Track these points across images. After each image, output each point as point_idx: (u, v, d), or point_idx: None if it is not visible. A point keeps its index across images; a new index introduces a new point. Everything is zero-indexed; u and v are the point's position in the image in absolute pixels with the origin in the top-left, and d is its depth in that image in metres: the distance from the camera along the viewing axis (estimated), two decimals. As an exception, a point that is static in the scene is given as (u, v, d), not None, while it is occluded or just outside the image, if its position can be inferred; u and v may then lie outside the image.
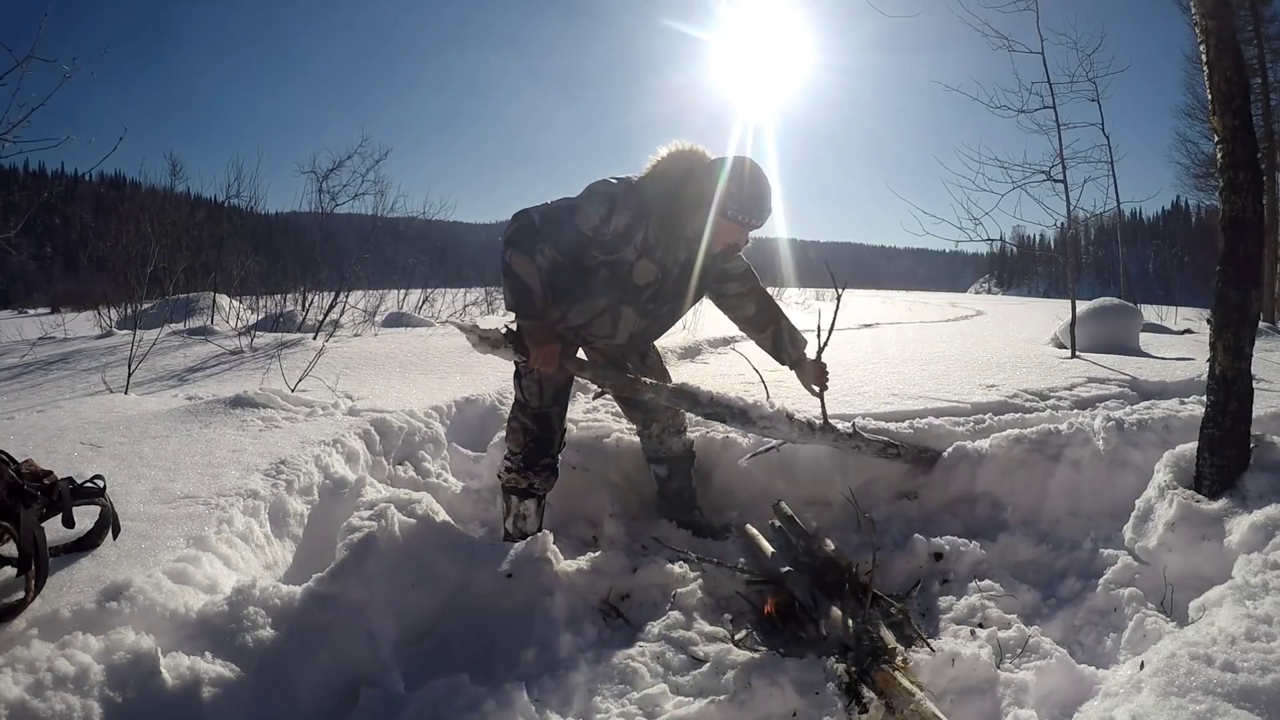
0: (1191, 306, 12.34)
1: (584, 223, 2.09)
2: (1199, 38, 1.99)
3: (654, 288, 2.21)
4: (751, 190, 2.08)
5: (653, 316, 2.28)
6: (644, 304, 2.23)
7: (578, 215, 2.09)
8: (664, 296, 2.25)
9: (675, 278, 2.24)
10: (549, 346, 2.14)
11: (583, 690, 1.59)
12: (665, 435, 2.50)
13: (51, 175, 33.02)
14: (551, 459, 2.33)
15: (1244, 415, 1.96)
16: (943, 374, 3.76)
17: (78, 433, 2.55)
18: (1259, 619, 1.36)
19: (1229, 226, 1.94)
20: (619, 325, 2.24)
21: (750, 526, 2.28)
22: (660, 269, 2.19)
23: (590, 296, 2.19)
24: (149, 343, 4.53)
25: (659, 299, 2.24)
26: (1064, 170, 5.50)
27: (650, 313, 2.26)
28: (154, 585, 1.51)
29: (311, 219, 8.55)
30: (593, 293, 2.18)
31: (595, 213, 2.08)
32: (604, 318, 2.21)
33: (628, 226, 2.09)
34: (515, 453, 2.32)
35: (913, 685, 1.47)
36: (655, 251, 2.15)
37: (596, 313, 2.20)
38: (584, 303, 2.19)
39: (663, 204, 2.12)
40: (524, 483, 2.30)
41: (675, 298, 2.28)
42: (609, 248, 2.12)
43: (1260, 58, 11.02)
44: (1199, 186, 13.78)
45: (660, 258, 2.17)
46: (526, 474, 2.30)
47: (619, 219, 2.08)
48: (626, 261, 2.14)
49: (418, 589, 1.86)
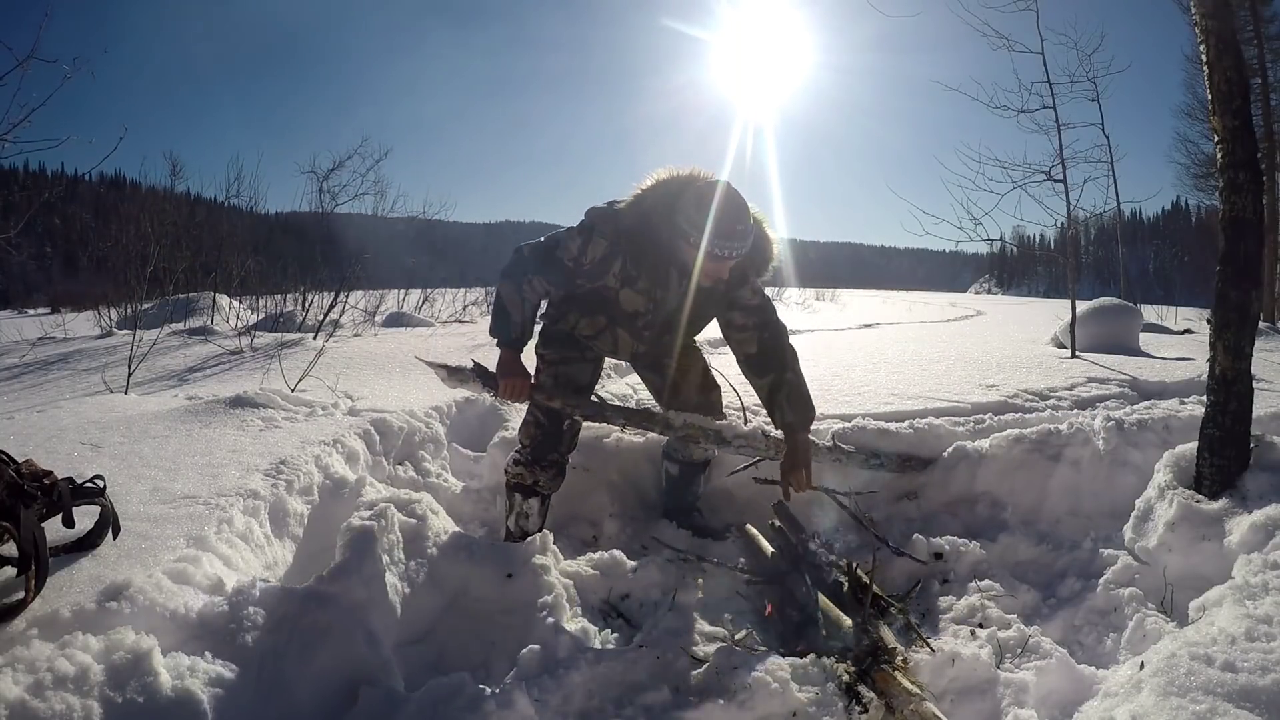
0: (1191, 306, 12.33)
1: (565, 254, 2.15)
2: (1199, 38, 1.99)
3: (646, 317, 2.23)
4: (718, 219, 1.96)
5: (650, 343, 2.32)
6: (638, 330, 2.26)
7: (559, 248, 2.16)
8: (658, 325, 2.27)
9: (671, 307, 2.23)
10: (517, 380, 2.24)
11: (582, 690, 1.58)
12: (692, 443, 2.47)
13: (51, 175, 33.01)
14: (559, 456, 2.33)
15: (1244, 415, 1.96)
16: (943, 374, 3.76)
17: (78, 433, 2.55)
18: (1259, 619, 1.36)
19: (1229, 226, 1.94)
20: (618, 345, 2.31)
21: (750, 526, 2.29)
22: (649, 299, 2.20)
23: (594, 313, 2.25)
24: (149, 343, 4.53)
25: (653, 327, 2.27)
26: (1064, 170, 5.51)
27: (646, 339, 2.30)
28: (154, 585, 1.51)
29: (311, 219, 8.55)
30: (595, 309, 2.25)
31: (574, 243, 2.13)
32: (605, 335, 2.29)
33: (604, 256, 2.12)
34: (525, 445, 2.32)
35: (913, 685, 1.47)
36: (637, 282, 2.16)
37: (599, 329, 2.28)
38: (590, 317, 2.26)
39: (640, 234, 2.10)
40: (530, 478, 2.30)
41: (671, 327, 2.29)
42: (590, 276, 2.16)
43: (1260, 58, 11.01)
44: (1199, 186, 13.79)
45: (645, 288, 2.17)
46: (533, 468, 2.29)
47: (595, 248, 2.12)
48: (611, 289, 2.18)
49: (418, 589, 1.86)
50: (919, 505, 2.55)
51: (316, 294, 7.87)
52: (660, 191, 2.11)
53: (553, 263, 2.17)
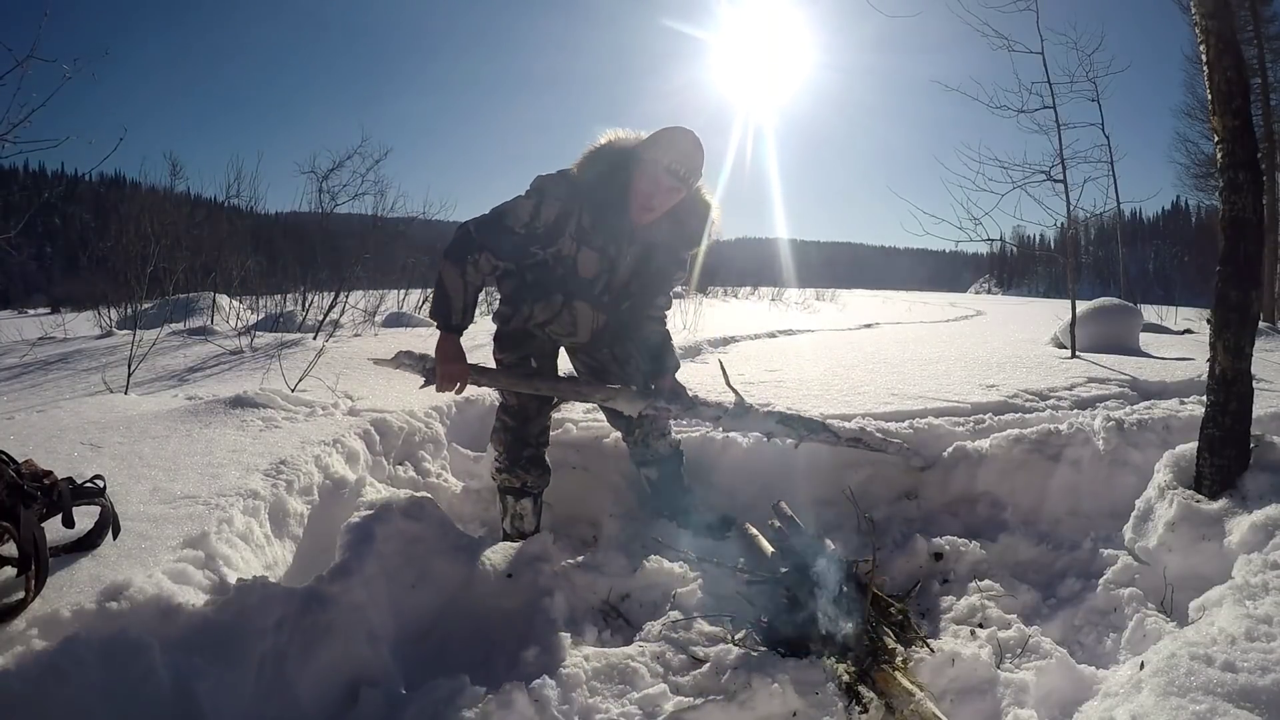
0: (1191, 306, 12.33)
1: (515, 221, 2.09)
2: (1199, 38, 1.99)
3: (603, 279, 2.20)
4: (679, 141, 2.06)
5: (610, 310, 2.27)
6: (597, 297, 2.22)
7: (508, 216, 2.09)
8: (616, 288, 2.24)
9: (626, 267, 2.22)
10: (455, 366, 2.13)
11: (583, 690, 1.59)
12: (650, 439, 2.48)
13: (51, 175, 33.04)
14: (534, 449, 2.33)
15: (1244, 415, 1.96)
16: (943, 374, 3.76)
17: (78, 433, 2.55)
18: (1259, 619, 1.36)
19: (1229, 226, 1.94)
20: (577, 322, 2.24)
21: (750, 526, 2.28)
22: (606, 258, 2.17)
23: (548, 294, 2.19)
24: (149, 343, 4.52)
25: (611, 290, 2.24)
26: (1064, 170, 5.51)
27: (605, 305, 2.25)
28: (154, 585, 1.51)
29: (311, 219, 8.55)
30: (549, 289, 2.18)
31: (524, 208, 2.08)
32: (562, 315, 2.22)
33: (559, 215, 2.09)
34: (500, 453, 2.35)
35: (913, 685, 1.47)
36: (594, 239, 2.13)
37: (555, 310, 2.21)
38: (544, 300, 2.20)
39: (596, 189, 2.09)
40: (515, 481, 2.32)
41: (628, 290, 2.27)
42: (544, 240, 2.11)
43: (1260, 58, 11.01)
44: (1199, 186, 13.78)
45: (601, 245, 2.15)
46: (515, 471, 2.31)
47: (549, 209, 2.08)
48: (567, 254, 2.14)
49: (418, 589, 1.86)
50: (919, 505, 2.55)
51: (316, 294, 7.87)
52: (614, 150, 2.13)
53: (502, 233, 2.08)
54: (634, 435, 2.49)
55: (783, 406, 2.78)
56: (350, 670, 1.54)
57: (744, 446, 2.70)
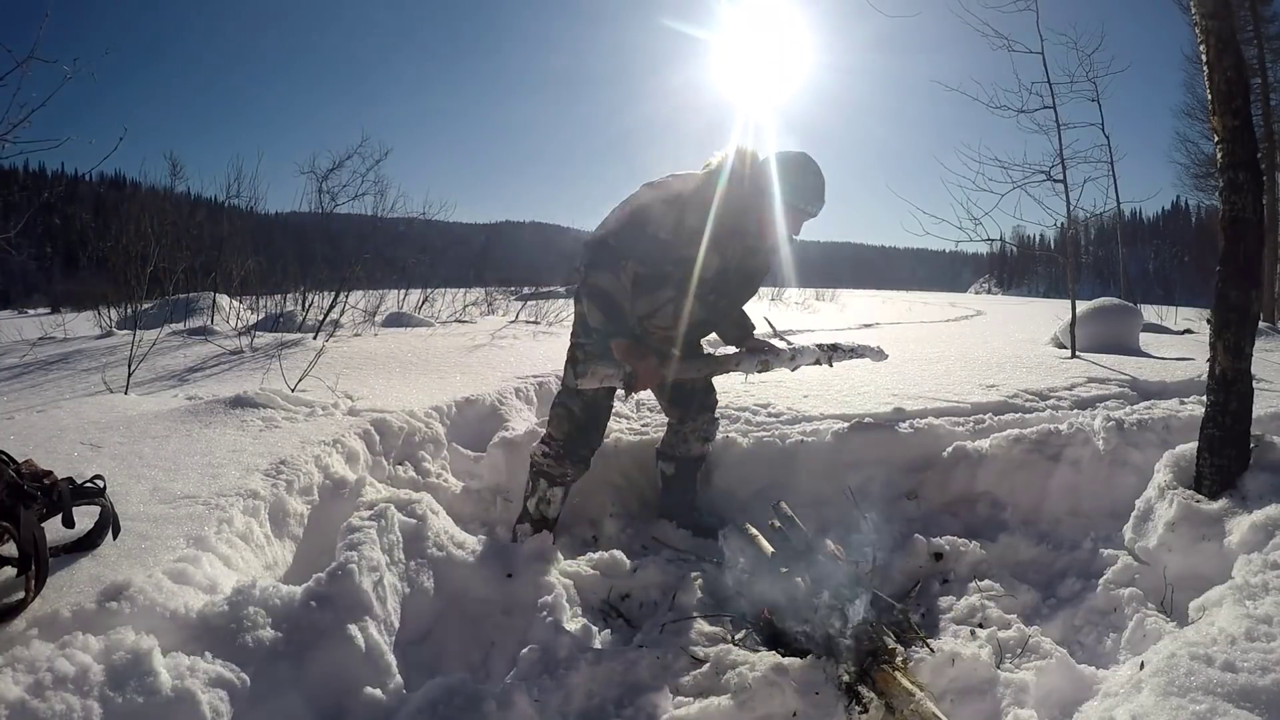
0: (1191, 306, 12.34)
1: (659, 228, 2.13)
2: (1199, 38, 1.99)
3: (715, 281, 2.26)
4: (814, 181, 2.19)
5: (712, 308, 2.33)
6: (705, 295, 2.27)
7: (650, 223, 2.13)
8: (724, 289, 2.31)
9: (734, 271, 2.30)
10: (650, 363, 2.12)
11: (583, 690, 1.59)
12: (692, 437, 2.51)
13: (51, 175, 33.00)
14: (591, 451, 2.34)
15: (1244, 415, 1.96)
16: (943, 374, 3.76)
17: (78, 433, 2.55)
18: (1259, 619, 1.36)
19: (1229, 226, 1.94)
20: (680, 316, 2.27)
21: (750, 526, 2.28)
22: (725, 262, 2.24)
23: (658, 288, 2.21)
24: (149, 343, 4.52)
25: (719, 291, 2.30)
26: (1064, 170, 5.51)
27: (710, 304, 2.31)
28: (154, 585, 1.51)
29: (311, 219, 8.54)
30: (660, 284, 2.21)
31: (668, 215, 2.13)
32: (666, 308, 2.25)
33: (699, 223, 2.13)
34: (556, 439, 2.31)
35: (913, 685, 1.47)
36: (725, 248, 2.21)
37: (660, 304, 2.24)
38: (651, 294, 2.21)
39: (731, 202, 2.16)
40: (559, 470, 2.30)
41: (734, 290, 2.37)
42: (684, 245, 2.16)
43: (1260, 58, 11.02)
44: (1199, 186, 13.78)
45: (724, 251, 2.22)
46: (563, 461, 2.30)
47: (693, 216, 2.13)
48: (692, 258, 2.18)
49: (417, 589, 1.86)
50: (919, 505, 2.55)
51: (316, 294, 7.86)
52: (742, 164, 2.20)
53: (644, 240, 2.12)
54: (683, 427, 2.52)
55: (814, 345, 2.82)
56: (350, 670, 1.54)
57: (744, 446, 2.70)
